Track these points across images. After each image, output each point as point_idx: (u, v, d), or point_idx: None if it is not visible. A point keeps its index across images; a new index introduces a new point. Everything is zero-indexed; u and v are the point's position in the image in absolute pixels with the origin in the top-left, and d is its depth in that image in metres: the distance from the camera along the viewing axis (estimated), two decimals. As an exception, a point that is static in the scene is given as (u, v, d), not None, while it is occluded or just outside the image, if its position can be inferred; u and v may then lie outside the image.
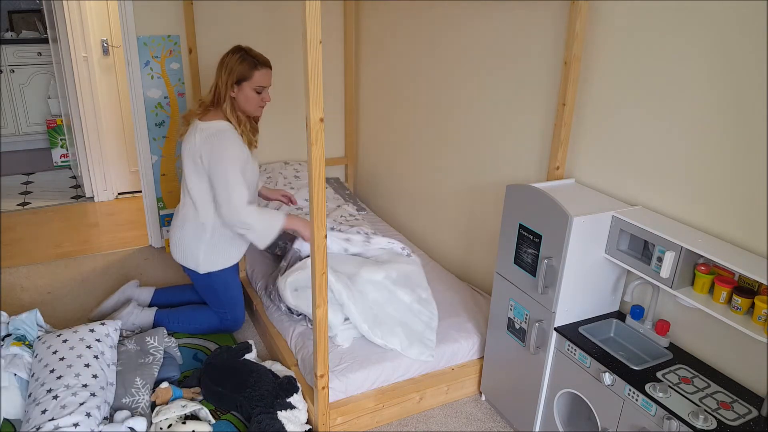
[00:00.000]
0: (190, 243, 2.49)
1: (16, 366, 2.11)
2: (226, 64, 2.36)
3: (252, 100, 2.40)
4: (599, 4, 1.98)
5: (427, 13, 2.97)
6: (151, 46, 3.22)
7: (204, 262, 2.51)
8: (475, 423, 2.29)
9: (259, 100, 2.42)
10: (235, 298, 2.66)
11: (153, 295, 2.83)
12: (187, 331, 2.68)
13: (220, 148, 2.31)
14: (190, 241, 2.49)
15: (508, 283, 2.12)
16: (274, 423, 2.03)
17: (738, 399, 1.62)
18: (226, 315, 2.65)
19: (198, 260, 2.51)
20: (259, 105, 2.44)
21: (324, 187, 1.75)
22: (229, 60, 2.36)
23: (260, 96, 2.42)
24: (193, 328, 2.68)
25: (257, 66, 2.37)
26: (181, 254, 2.54)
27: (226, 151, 2.32)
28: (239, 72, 2.35)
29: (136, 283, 2.90)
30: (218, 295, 2.61)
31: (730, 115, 1.64)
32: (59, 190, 4.55)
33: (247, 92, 2.38)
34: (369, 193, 3.86)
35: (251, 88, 2.38)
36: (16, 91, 5.13)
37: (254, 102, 2.41)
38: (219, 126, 2.36)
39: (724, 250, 1.62)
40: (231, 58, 2.37)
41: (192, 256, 2.51)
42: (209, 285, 2.59)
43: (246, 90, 2.38)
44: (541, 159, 2.36)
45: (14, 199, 4.32)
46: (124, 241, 3.71)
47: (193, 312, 2.70)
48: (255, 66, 2.37)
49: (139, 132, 3.35)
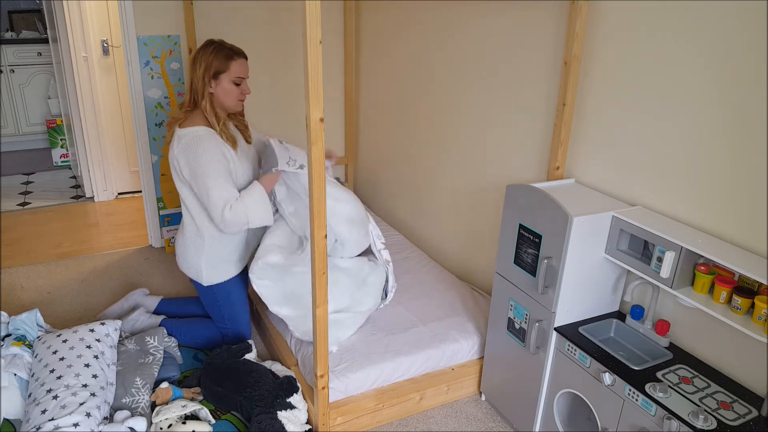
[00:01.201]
0: (192, 254, 2.42)
1: (16, 366, 2.11)
2: (200, 59, 2.28)
3: (231, 93, 2.31)
4: (599, 4, 1.98)
5: (427, 13, 2.97)
6: (151, 46, 3.22)
7: (207, 275, 2.44)
8: (475, 423, 2.29)
9: (238, 92, 2.33)
10: (238, 313, 2.56)
11: (158, 304, 2.77)
12: (188, 343, 2.60)
13: (195, 157, 2.21)
14: (192, 252, 2.42)
15: (508, 283, 2.12)
16: (274, 423, 2.03)
17: (738, 399, 1.62)
18: (227, 330, 2.56)
19: (200, 272, 2.44)
20: (239, 98, 2.35)
21: (324, 188, 1.75)
22: (203, 55, 2.28)
23: (239, 88, 2.33)
24: (194, 341, 2.60)
25: (233, 56, 2.29)
26: (185, 264, 2.48)
27: (201, 158, 2.21)
28: (215, 65, 2.26)
29: (145, 291, 2.84)
30: (221, 308, 2.53)
31: (730, 114, 1.64)
32: (59, 190, 4.55)
33: (225, 85, 2.29)
34: (369, 193, 3.86)
35: (229, 80, 2.29)
36: (16, 91, 5.13)
37: (234, 95, 2.32)
38: (195, 133, 2.25)
39: (724, 250, 1.62)
40: (204, 52, 2.28)
41: (194, 266, 2.44)
42: (212, 296, 2.52)
43: (224, 83, 2.29)
44: (541, 159, 2.36)
45: (14, 199, 4.32)
46: (124, 241, 3.71)
47: (197, 325, 2.62)
48: (231, 56, 2.28)
49: (139, 132, 3.36)
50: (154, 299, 2.78)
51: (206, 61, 2.27)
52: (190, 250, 2.43)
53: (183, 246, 2.45)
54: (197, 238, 2.40)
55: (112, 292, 3.10)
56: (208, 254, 2.41)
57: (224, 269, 2.47)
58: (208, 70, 2.27)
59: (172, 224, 3.59)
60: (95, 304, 2.98)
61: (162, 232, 3.60)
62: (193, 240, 2.41)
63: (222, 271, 2.47)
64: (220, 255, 2.44)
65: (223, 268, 2.46)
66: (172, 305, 2.79)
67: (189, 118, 2.30)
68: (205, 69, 2.27)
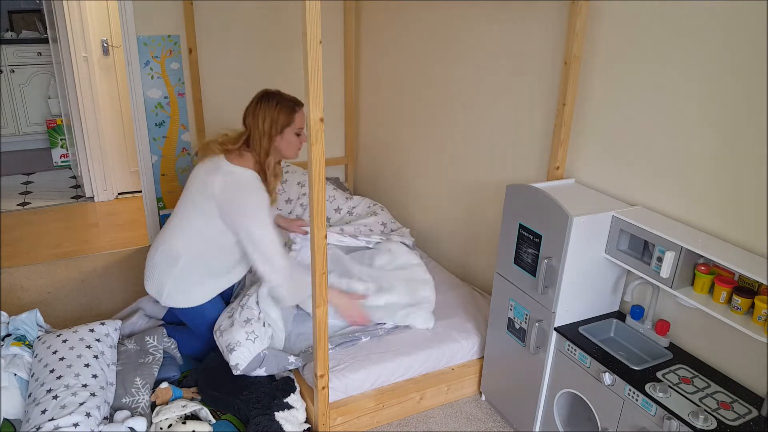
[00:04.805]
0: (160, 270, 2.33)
1: (16, 366, 2.11)
2: (262, 114, 2.23)
3: (293, 144, 2.30)
4: (599, 4, 1.98)
5: (427, 14, 2.97)
6: (151, 46, 3.22)
7: (167, 296, 2.34)
8: (475, 423, 2.29)
9: (298, 142, 2.32)
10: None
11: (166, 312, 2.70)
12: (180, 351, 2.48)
13: (245, 199, 2.19)
14: (160, 268, 2.33)
15: (508, 283, 2.12)
16: (271, 424, 2.03)
17: (738, 399, 1.62)
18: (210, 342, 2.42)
19: (162, 290, 2.33)
20: (298, 147, 2.33)
21: (324, 188, 1.75)
22: (265, 109, 2.24)
23: (299, 138, 2.31)
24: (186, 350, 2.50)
25: (295, 108, 2.27)
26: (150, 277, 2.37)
27: (251, 201, 2.19)
28: (281, 121, 2.24)
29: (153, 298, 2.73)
30: (196, 324, 2.44)
31: (731, 114, 1.64)
32: (59, 190, 4.55)
33: (289, 137, 2.28)
34: (369, 193, 3.86)
35: (293, 132, 2.28)
36: (16, 91, 5.13)
37: (295, 146, 2.31)
38: (248, 175, 2.23)
39: (724, 250, 1.62)
40: (266, 107, 2.24)
41: (157, 282, 2.33)
42: (184, 311, 2.41)
43: (288, 136, 2.27)
44: (541, 159, 2.36)
45: (14, 199, 4.31)
46: (124, 241, 3.71)
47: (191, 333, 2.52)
48: (294, 109, 2.27)
49: (139, 132, 3.35)
50: (162, 308, 2.71)
51: (272, 116, 2.23)
52: (158, 265, 2.33)
53: (152, 260, 2.36)
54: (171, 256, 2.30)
55: (112, 292, 3.09)
56: (176, 277, 2.32)
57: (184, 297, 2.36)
58: (275, 125, 2.24)
59: (172, 224, 3.59)
60: (95, 304, 2.98)
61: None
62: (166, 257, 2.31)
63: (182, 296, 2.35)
64: (187, 283, 2.34)
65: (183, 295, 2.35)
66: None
67: (236, 155, 2.27)
68: (271, 124, 2.23)
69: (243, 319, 2.26)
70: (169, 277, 2.32)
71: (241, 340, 2.19)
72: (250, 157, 2.28)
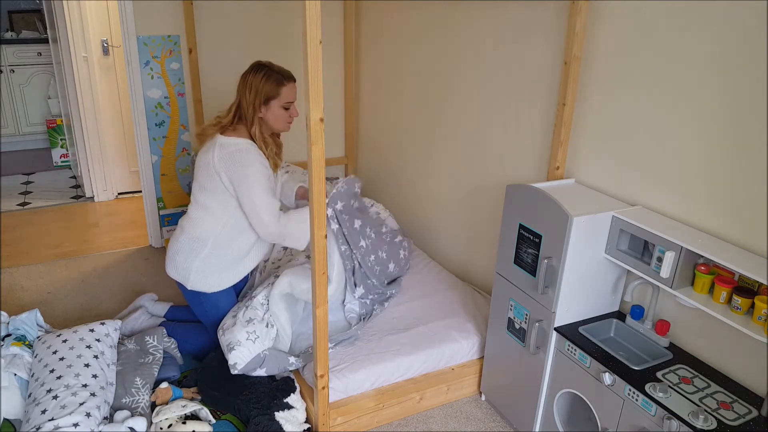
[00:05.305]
0: (185, 255, 2.37)
1: (16, 366, 2.11)
2: (250, 84, 2.27)
3: (281, 118, 2.33)
4: (599, 4, 1.98)
5: (427, 14, 2.97)
6: (151, 46, 3.22)
7: (194, 280, 2.37)
8: (475, 423, 2.29)
9: (287, 116, 2.34)
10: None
11: (168, 310, 2.72)
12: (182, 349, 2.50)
13: (243, 167, 2.22)
14: (185, 254, 2.37)
15: (508, 283, 2.12)
16: (271, 424, 2.03)
17: (738, 399, 1.62)
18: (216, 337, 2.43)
19: (188, 274, 2.37)
20: (288, 121, 2.36)
21: (324, 188, 1.75)
22: (253, 79, 2.27)
23: (288, 112, 2.34)
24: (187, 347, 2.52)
25: (283, 82, 2.29)
26: (173, 265, 2.41)
27: (248, 168, 2.22)
28: (266, 91, 2.26)
29: (154, 297, 2.80)
30: (208, 314, 2.47)
31: (731, 115, 1.64)
32: (59, 190, 4.55)
33: (276, 110, 2.30)
34: (369, 193, 3.86)
35: (280, 105, 2.30)
36: (16, 91, 5.13)
37: (283, 119, 2.34)
38: (242, 144, 2.26)
39: (724, 250, 1.62)
40: (254, 77, 2.27)
41: (183, 268, 2.37)
42: (198, 301, 2.45)
43: (274, 108, 2.30)
44: (541, 159, 2.36)
45: (14, 199, 4.32)
46: (124, 241, 3.71)
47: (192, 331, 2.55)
48: (281, 82, 2.28)
49: (139, 132, 3.36)
50: (164, 306, 2.73)
51: (257, 87, 2.26)
52: (183, 251, 2.37)
53: (176, 248, 2.40)
54: (196, 241, 2.35)
55: (112, 292, 3.10)
56: (203, 260, 2.36)
57: (213, 279, 2.39)
58: (259, 96, 2.27)
59: (171, 224, 3.59)
60: (95, 304, 2.98)
61: (162, 232, 3.60)
62: (191, 243, 2.36)
63: (211, 280, 2.39)
64: (215, 266, 2.37)
65: (212, 278, 2.39)
66: (181, 312, 2.72)
67: (233, 130, 2.31)
68: (255, 95, 2.26)
69: (246, 318, 2.27)
70: (195, 260, 2.36)
71: (241, 340, 2.20)
72: (244, 129, 2.32)
